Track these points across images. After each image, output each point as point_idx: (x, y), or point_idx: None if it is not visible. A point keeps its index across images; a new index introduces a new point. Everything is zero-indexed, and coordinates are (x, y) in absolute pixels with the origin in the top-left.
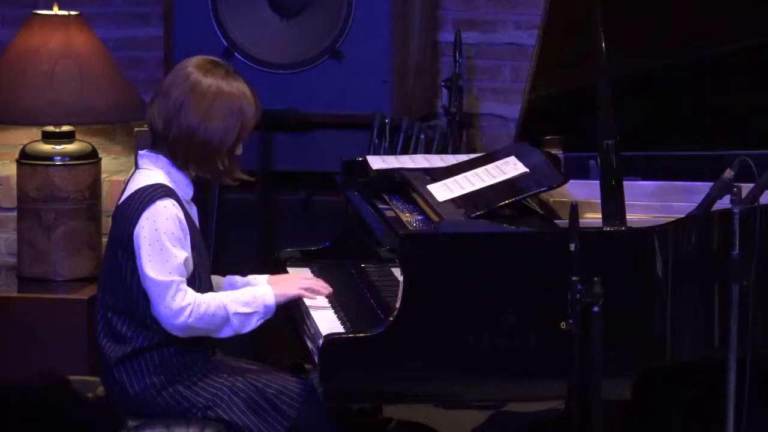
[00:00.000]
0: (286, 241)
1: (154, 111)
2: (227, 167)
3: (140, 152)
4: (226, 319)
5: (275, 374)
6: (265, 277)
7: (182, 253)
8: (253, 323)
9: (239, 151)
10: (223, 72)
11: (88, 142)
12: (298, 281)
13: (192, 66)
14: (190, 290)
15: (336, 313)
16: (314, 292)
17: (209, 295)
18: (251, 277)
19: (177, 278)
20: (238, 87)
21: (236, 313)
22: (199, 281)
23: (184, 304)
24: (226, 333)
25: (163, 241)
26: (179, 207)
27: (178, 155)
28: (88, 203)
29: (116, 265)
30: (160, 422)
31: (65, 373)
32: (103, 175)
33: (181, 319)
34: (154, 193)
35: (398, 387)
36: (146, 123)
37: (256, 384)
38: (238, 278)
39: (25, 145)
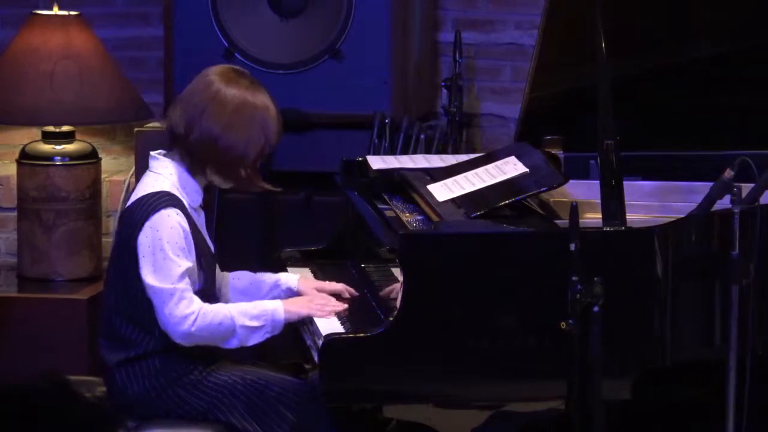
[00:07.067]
0: (286, 241)
1: (176, 113)
2: (249, 176)
3: (152, 153)
4: (232, 330)
5: (275, 375)
6: (295, 276)
7: (186, 263)
8: (260, 337)
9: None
10: (248, 83)
11: (88, 142)
12: (313, 300)
13: (214, 74)
14: (196, 299)
15: (336, 313)
16: (328, 309)
17: (217, 305)
18: (282, 275)
19: (181, 286)
20: (262, 100)
21: (243, 326)
22: (205, 288)
23: (188, 312)
24: (232, 344)
25: (165, 251)
26: (183, 216)
27: (196, 160)
28: (88, 203)
29: (121, 269)
30: (160, 424)
31: (65, 373)
32: (103, 175)
33: (185, 327)
34: (158, 201)
35: (398, 387)
36: (166, 125)
37: (256, 386)
38: (266, 277)
39: (25, 145)
